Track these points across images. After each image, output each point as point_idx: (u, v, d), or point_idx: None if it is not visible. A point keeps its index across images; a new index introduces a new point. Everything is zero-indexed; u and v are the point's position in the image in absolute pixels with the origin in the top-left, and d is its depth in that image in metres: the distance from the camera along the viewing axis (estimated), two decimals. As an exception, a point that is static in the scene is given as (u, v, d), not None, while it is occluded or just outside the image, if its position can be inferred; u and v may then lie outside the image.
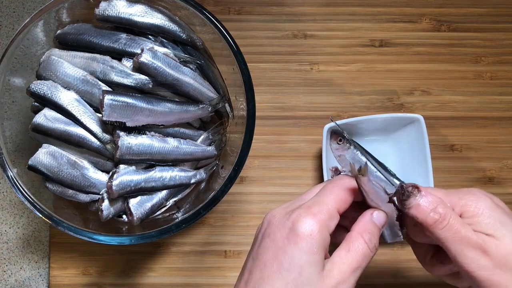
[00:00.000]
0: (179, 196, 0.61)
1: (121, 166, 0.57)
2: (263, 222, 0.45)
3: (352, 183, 0.45)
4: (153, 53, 0.57)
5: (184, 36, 0.60)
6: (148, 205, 0.58)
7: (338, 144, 0.61)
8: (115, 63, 0.58)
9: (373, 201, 0.45)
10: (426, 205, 0.43)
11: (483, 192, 0.45)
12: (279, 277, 0.41)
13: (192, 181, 0.60)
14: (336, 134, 0.63)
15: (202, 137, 0.61)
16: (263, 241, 0.43)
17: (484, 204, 0.44)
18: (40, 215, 0.55)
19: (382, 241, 0.48)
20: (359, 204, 0.46)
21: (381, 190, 0.45)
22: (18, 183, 0.55)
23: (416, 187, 0.43)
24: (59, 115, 0.57)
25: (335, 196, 0.44)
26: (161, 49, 0.58)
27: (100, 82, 0.58)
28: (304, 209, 0.43)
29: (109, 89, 0.58)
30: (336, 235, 0.46)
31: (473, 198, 0.44)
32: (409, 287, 0.65)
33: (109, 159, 0.59)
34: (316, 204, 0.43)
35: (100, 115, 0.57)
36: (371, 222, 0.44)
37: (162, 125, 0.58)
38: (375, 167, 0.55)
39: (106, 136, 0.58)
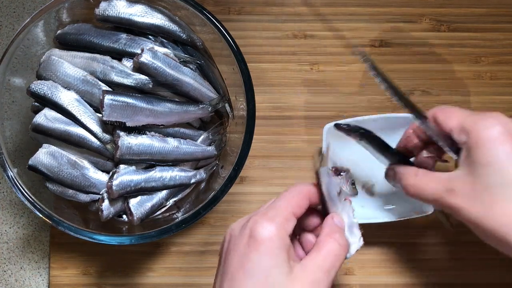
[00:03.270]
0: (179, 196, 0.61)
1: (121, 166, 0.57)
2: (224, 239, 0.47)
3: (307, 189, 0.47)
4: (153, 53, 0.57)
5: (184, 36, 0.60)
6: (148, 205, 0.58)
7: (348, 136, 0.58)
8: (115, 63, 0.58)
9: (331, 199, 0.47)
10: None
11: (501, 117, 0.46)
12: (248, 285, 0.41)
13: (192, 181, 0.60)
14: (339, 126, 0.58)
15: (202, 137, 0.61)
16: (228, 256, 0.44)
17: (488, 135, 0.45)
18: (40, 215, 0.55)
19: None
20: (319, 214, 0.48)
21: (337, 191, 0.48)
22: (18, 183, 0.55)
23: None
24: (59, 115, 0.57)
25: (289, 200, 0.45)
26: (161, 49, 0.58)
27: (100, 82, 0.58)
28: (260, 215, 0.44)
29: (109, 89, 0.58)
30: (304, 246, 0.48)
31: (480, 128, 0.45)
32: (410, 287, 0.65)
33: (109, 159, 0.59)
34: (271, 209, 0.45)
35: (100, 115, 0.57)
36: (335, 224, 0.46)
37: (162, 125, 0.58)
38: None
39: (106, 136, 0.58)
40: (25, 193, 0.55)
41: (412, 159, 0.56)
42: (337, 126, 0.58)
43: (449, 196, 0.46)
